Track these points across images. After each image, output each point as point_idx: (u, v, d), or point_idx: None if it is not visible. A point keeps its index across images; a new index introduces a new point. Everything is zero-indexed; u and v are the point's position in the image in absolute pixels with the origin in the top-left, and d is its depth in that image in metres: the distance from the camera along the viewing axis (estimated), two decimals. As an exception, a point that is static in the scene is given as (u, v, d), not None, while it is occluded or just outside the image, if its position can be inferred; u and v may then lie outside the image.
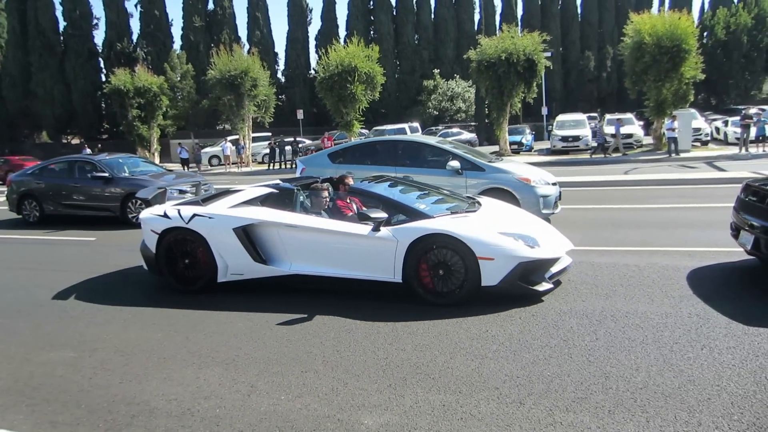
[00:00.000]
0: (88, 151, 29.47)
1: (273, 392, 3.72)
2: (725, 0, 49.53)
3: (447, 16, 50.68)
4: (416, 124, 34.41)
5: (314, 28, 54.21)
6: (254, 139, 31.35)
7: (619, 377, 3.61)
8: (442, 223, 5.31)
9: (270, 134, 33.60)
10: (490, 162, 9.38)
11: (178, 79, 44.90)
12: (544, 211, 8.69)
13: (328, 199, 6.13)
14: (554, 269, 5.40)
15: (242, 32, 51.04)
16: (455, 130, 34.09)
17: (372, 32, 49.70)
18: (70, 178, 12.20)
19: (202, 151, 31.40)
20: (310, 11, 52.76)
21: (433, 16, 51.40)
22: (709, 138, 26.20)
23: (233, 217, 5.91)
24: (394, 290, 5.46)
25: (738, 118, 22.84)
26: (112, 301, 6.07)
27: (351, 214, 5.99)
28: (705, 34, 46.03)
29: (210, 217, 5.97)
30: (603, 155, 22.59)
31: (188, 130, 42.25)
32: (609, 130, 23.29)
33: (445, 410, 3.34)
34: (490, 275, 5.04)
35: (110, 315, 5.61)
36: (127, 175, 12.11)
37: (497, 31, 32.53)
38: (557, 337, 4.35)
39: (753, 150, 20.34)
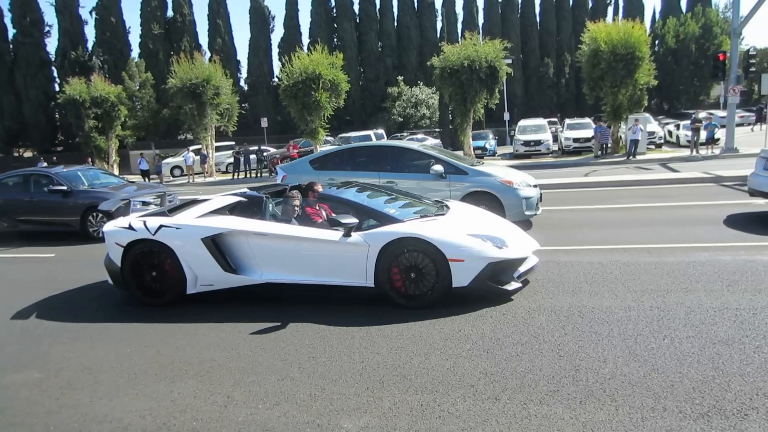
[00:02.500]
0: (44, 164, 28.52)
1: (250, 402, 3.71)
2: (674, 10, 51.74)
3: (410, 23, 51.27)
4: (381, 131, 34.55)
5: (277, 35, 54.30)
6: (218, 149, 30.91)
7: (588, 369, 3.75)
8: (413, 226, 5.38)
9: (234, 143, 33.23)
10: (472, 165, 9.46)
11: (137, 88, 43.96)
12: (527, 213, 8.84)
13: (298, 207, 6.14)
14: (522, 269, 5.54)
15: (203, 40, 50.63)
16: (420, 136, 34.37)
17: (335, 40, 49.85)
18: (25, 193, 11.71)
19: (164, 161, 30.78)
20: (273, 19, 52.81)
21: (396, 24, 51.94)
22: (662, 141, 27.18)
23: (201, 227, 5.84)
24: (367, 295, 5.51)
25: (689, 122, 23.81)
26: (77, 318, 5.91)
27: (321, 220, 6.02)
28: (657, 42, 47.93)
29: (177, 228, 5.89)
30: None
31: (149, 140, 41.34)
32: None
33: (423, 410, 3.40)
34: (461, 276, 5.14)
35: (76, 332, 5.46)
36: (86, 187, 11.73)
37: (459, 39, 33.04)
38: (528, 334, 4.47)
39: (703, 152, 21.25)
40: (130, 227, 6.05)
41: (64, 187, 11.33)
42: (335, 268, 5.50)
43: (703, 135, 21.64)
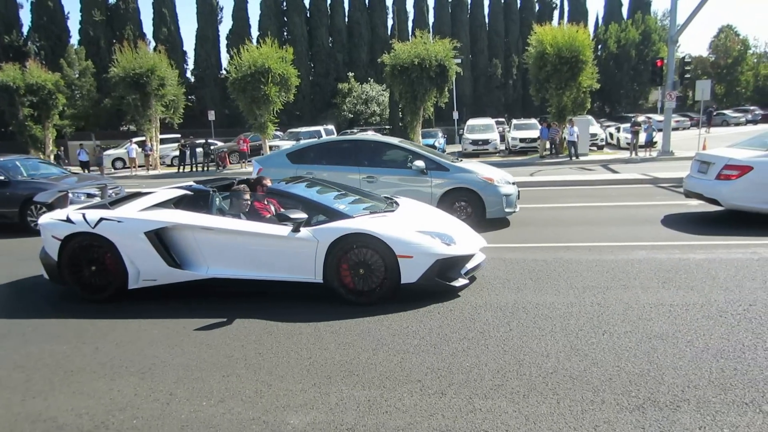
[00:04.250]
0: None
1: (194, 399, 3.61)
2: (616, 16, 53.81)
3: (360, 20, 51.14)
4: (331, 127, 34.35)
5: (225, 27, 53.09)
6: (162, 141, 29.89)
7: (531, 364, 3.85)
8: (362, 222, 5.38)
9: (179, 136, 32.21)
10: (453, 162, 9.47)
11: (77, 76, 41.95)
12: (507, 210, 8.92)
13: (249, 201, 6.02)
14: (469, 265, 5.64)
15: (147, 29, 48.78)
16: (370, 133, 34.31)
17: (285, 34, 49.14)
18: None
19: (105, 153, 29.50)
20: (221, 9, 51.34)
21: (346, 20, 51.70)
22: (604, 143, 28.27)
23: (144, 220, 5.64)
24: (315, 291, 5.47)
25: (629, 125, 24.87)
26: (8, 314, 5.61)
27: (269, 215, 5.92)
28: (599, 47, 49.71)
29: (119, 221, 5.67)
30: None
31: (89, 130, 39.57)
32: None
33: (370, 405, 3.41)
34: (410, 273, 5.18)
35: (6, 328, 5.17)
36: (25, 178, 11.13)
37: (410, 37, 33.23)
38: (474, 330, 4.55)
39: (642, 154, 22.24)
40: (68, 220, 5.78)
41: (2, 177, 10.73)
42: (283, 263, 5.43)
43: (642, 138, 22.65)
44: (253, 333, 4.73)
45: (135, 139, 29.25)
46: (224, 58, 48.47)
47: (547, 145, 24.60)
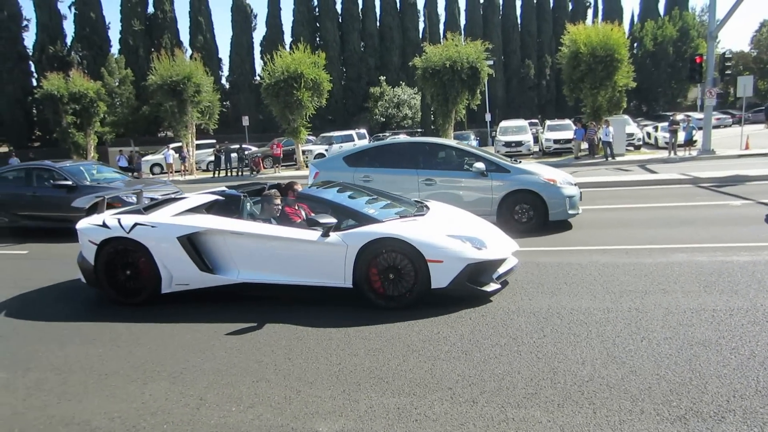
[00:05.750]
0: (17, 160, 27.88)
1: (223, 404, 3.62)
2: (652, 13, 52.52)
3: (392, 24, 51.29)
4: (363, 131, 34.51)
5: (259, 33, 54.00)
6: (198, 147, 30.58)
7: (566, 372, 3.72)
8: (392, 227, 5.33)
9: (215, 141, 32.87)
10: (513, 163, 9.23)
11: (117, 84, 43.30)
12: (570, 212, 8.68)
13: (279, 206, 6.04)
14: (501, 270, 5.53)
15: (184, 37, 50.02)
16: (402, 136, 34.40)
17: (318, 39, 49.65)
18: (27, 187, 11.27)
19: (143, 159, 30.33)
20: (255, 17, 52.29)
21: (378, 24, 51.93)
22: (641, 143, 27.55)
23: (177, 225, 5.72)
24: (345, 295, 5.44)
25: (667, 123, 24.17)
26: (48, 316, 5.75)
27: (299, 220, 5.93)
28: (635, 45, 48.64)
29: (152, 226, 5.76)
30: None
31: (128, 137, 40.73)
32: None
33: (400, 413, 3.35)
34: (440, 277, 5.10)
35: (45, 331, 5.31)
36: (90, 183, 11.18)
37: (441, 40, 33.09)
38: (506, 336, 4.44)
39: (681, 153, 21.56)
40: (104, 225, 5.90)
41: (69, 182, 10.88)
42: (313, 268, 5.42)
43: (681, 137, 21.97)
44: (282, 338, 4.73)
45: (172, 145, 29.99)
46: (258, 64, 49.35)
47: (584, 146, 24.09)
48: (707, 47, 21.78)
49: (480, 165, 8.78)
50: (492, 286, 5.37)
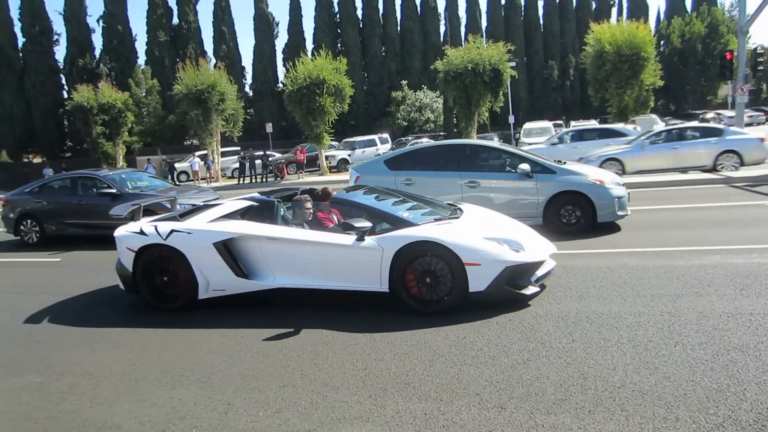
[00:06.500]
0: (50, 170, 28.67)
1: (251, 409, 3.63)
2: (679, 10, 51.55)
3: (413, 28, 51.31)
4: (386, 135, 34.55)
5: (281, 41, 54.27)
6: (223, 154, 31.00)
7: (597, 377, 3.64)
8: (427, 230, 5.27)
9: (239, 148, 33.29)
10: (559, 164, 8.99)
11: (144, 94, 44.21)
12: (619, 213, 8.47)
13: (311, 210, 6.04)
14: (540, 272, 5.43)
15: (208, 46, 50.74)
16: (425, 140, 34.34)
17: (339, 45, 49.94)
18: (73, 196, 11.54)
19: (176, 165, 30.98)
20: (277, 25, 52.78)
21: (399, 28, 52.01)
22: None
23: (213, 231, 5.76)
24: (371, 301, 5.43)
25: (696, 122, 23.63)
26: (81, 322, 5.87)
27: (332, 225, 5.92)
28: (662, 42, 47.76)
29: (189, 233, 5.82)
30: None
31: (155, 146, 41.54)
32: None
33: (427, 419, 3.31)
34: (478, 281, 5.03)
35: (78, 337, 5.43)
36: (131, 190, 11.36)
37: (463, 42, 32.99)
38: (535, 341, 4.37)
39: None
40: (142, 232, 5.99)
41: (113, 190, 11.07)
42: (349, 272, 5.39)
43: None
44: (309, 342, 4.73)
45: (197, 153, 30.47)
46: (281, 71, 49.98)
47: None
48: (738, 43, 21.18)
49: (525, 166, 8.53)
50: (531, 289, 5.27)
